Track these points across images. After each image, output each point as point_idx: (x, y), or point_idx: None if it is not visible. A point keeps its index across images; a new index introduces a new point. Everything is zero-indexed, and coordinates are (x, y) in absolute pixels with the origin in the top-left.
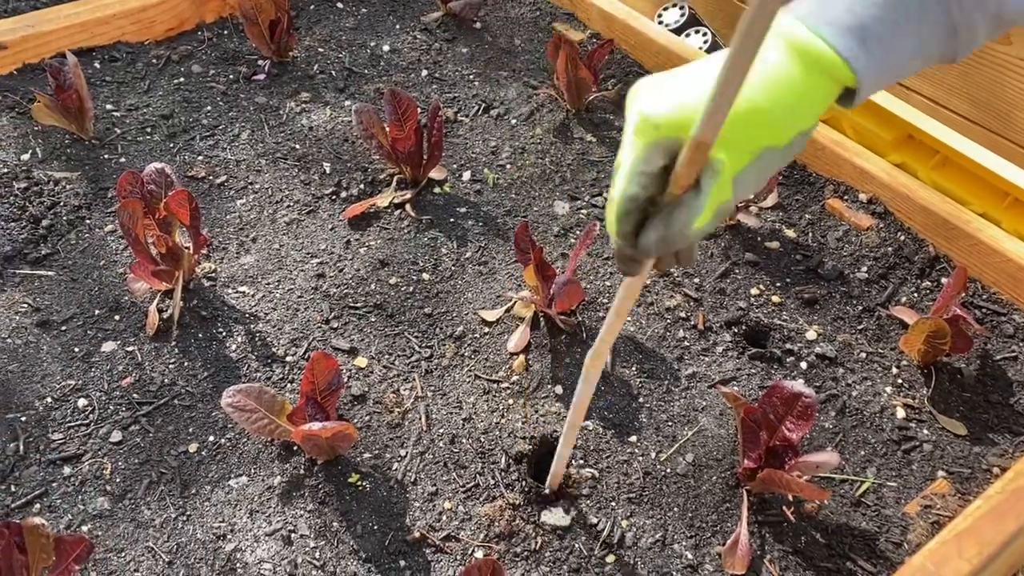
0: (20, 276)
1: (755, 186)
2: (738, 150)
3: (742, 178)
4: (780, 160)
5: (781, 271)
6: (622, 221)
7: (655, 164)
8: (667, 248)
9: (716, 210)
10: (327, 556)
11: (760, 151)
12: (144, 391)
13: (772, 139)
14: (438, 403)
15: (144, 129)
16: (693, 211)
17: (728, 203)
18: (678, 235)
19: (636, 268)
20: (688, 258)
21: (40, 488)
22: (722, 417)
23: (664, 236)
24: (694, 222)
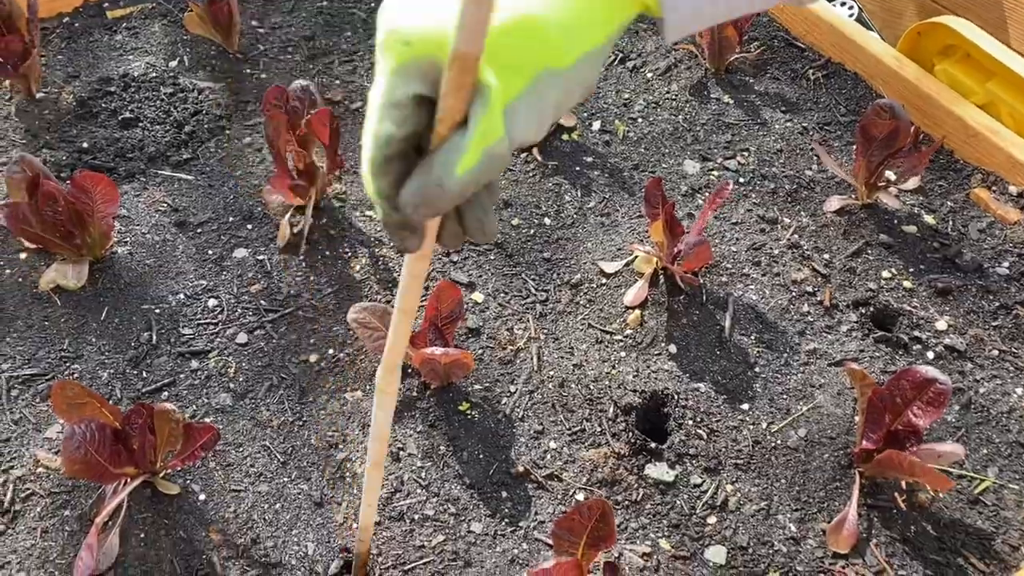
0: (162, 177)
1: (536, 122)
2: (510, 71)
3: (517, 108)
4: (563, 91)
5: (916, 257)
6: (377, 172)
7: (407, 91)
8: (430, 205)
9: (484, 151)
10: (432, 477)
11: (538, 74)
12: (271, 299)
13: (551, 59)
14: (550, 346)
15: (286, 48)
16: (455, 152)
17: (500, 142)
18: (437, 184)
19: (411, 240)
20: (480, 227)
21: (169, 378)
22: (840, 397)
23: (422, 187)
24: (456, 166)
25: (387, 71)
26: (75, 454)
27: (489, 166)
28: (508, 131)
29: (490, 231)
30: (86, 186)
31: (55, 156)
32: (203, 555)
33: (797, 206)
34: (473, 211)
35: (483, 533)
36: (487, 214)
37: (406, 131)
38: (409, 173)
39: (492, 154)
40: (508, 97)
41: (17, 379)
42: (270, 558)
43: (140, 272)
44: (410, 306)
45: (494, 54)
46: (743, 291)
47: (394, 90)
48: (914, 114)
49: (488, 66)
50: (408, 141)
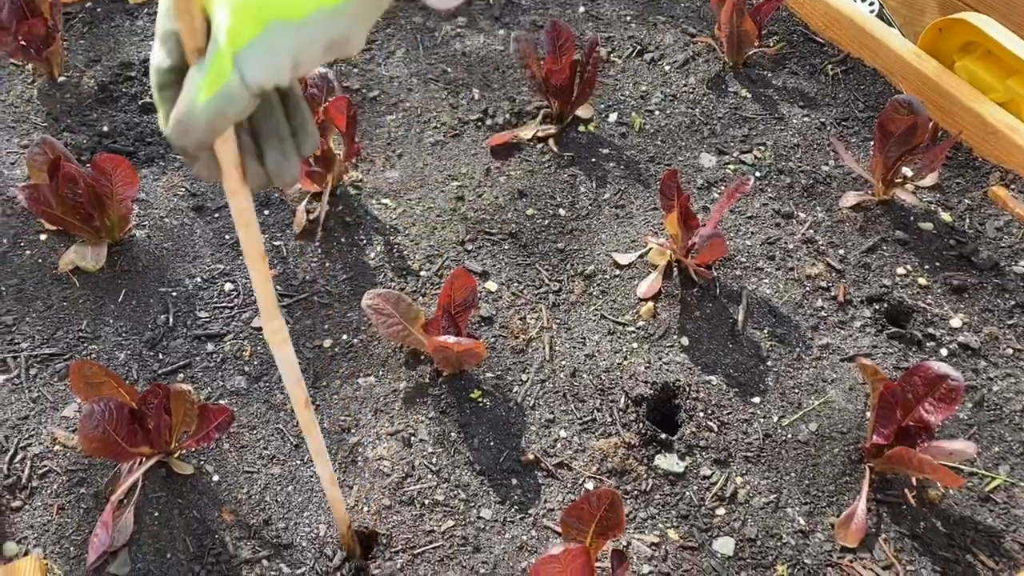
0: (180, 162)
1: (273, 68)
2: (243, 18)
3: (249, 53)
4: (302, 41)
5: (931, 254)
6: (157, 102)
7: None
8: (186, 133)
9: (219, 88)
10: (443, 463)
11: (269, 23)
12: (287, 284)
13: (282, 12)
14: (562, 336)
15: None
16: (193, 85)
17: (230, 82)
18: (187, 113)
19: (198, 167)
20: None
21: (185, 360)
22: (852, 392)
23: (176, 115)
24: (197, 98)
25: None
26: (92, 432)
27: (226, 102)
28: (240, 72)
29: (287, 173)
30: (106, 169)
31: (76, 139)
32: (216, 535)
33: (813, 201)
34: (272, 152)
35: (492, 519)
36: (286, 157)
37: (171, 62)
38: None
39: (226, 91)
40: (240, 41)
41: (36, 358)
42: (281, 539)
43: (158, 255)
44: (252, 251)
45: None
46: (757, 285)
47: (160, 26)
48: (933, 111)
49: (226, 8)
50: (178, 70)
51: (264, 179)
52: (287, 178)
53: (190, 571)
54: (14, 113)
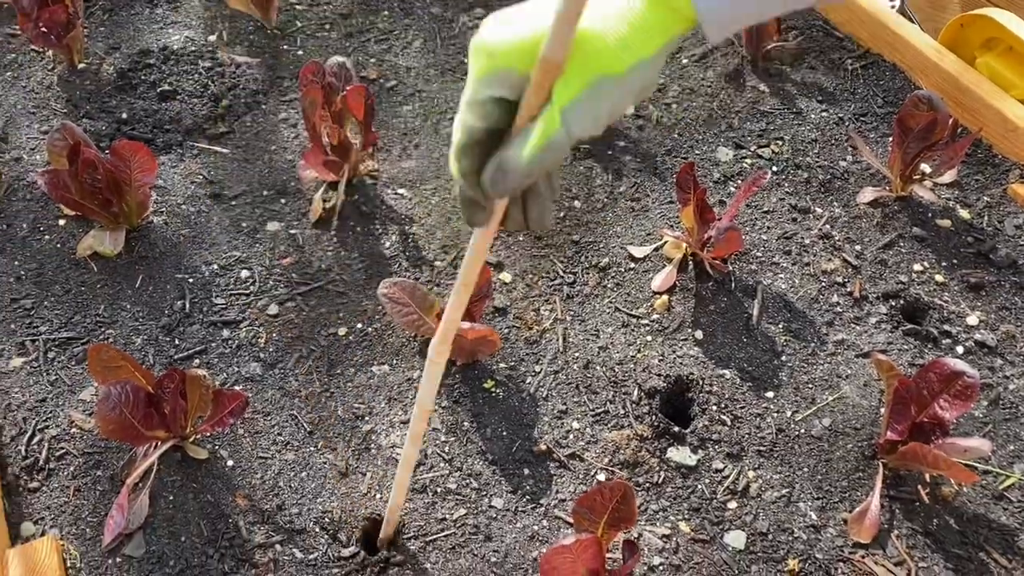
0: (198, 149)
1: (592, 119)
2: (570, 79)
3: (575, 108)
4: (620, 92)
5: (949, 251)
6: (461, 155)
7: (488, 93)
8: (503, 182)
9: (545, 142)
10: (455, 451)
11: (594, 79)
12: (302, 272)
13: (606, 67)
14: (576, 328)
15: (323, 25)
16: (524, 139)
17: (559, 135)
18: (508, 165)
19: (480, 215)
20: (539, 216)
21: (201, 345)
22: (866, 388)
23: (498, 166)
24: (524, 150)
25: (473, 75)
26: (110, 414)
27: (549, 153)
28: (566, 125)
29: (546, 222)
30: (125, 155)
31: (95, 126)
32: (229, 519)
33: (830, 196)
34: (536, 202)
35: (504, 509)
36: (546, 207)
37: (486, 125)
38: (487, 159)
39: (551, 143)
40: (568, 97)
41: (54, 342)
42: (294, 524)
43: (175, 242)
44: (470, 279)
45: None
46: (772, 280)
47: (477, 92)
48: (953, 107)
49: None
50: (488, 133)
51: (522, 225)
52: (545, 226)
53: (204, 554)
54: (34, 99)
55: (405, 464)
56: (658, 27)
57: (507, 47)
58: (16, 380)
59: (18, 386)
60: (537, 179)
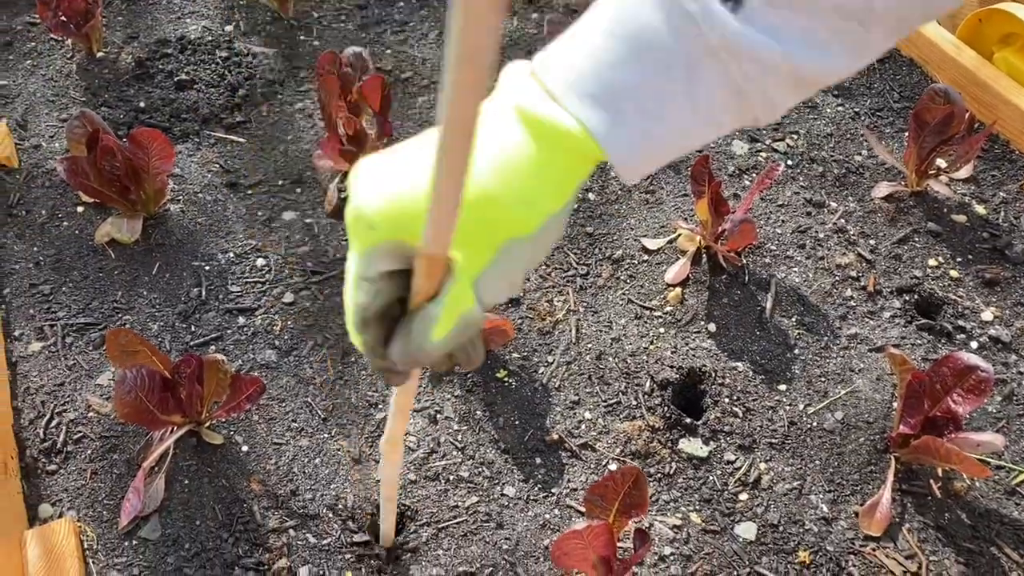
0: (215, 138)
1: (508, 285)
2: (475, 246)
3: (486, 279)
4: (530, 252)
5: (964, 246)
6: (361, 332)
7: (376, 269)
8: (414, 362)
9: (457, 320)
10: (468, 440)
11: (502, 244)
12: (318, 261)
13: (514, 230)
14: (589, 319)
15: (339, 16)
16: (429, 321)
17: (470, 312)
18: (419, 351)
19: (396, 379)
20: (467, 359)
21: (216, 333)
22: (879, 382)
23: (406, 352)
24: (432, 334)
25: (356, 251)
26: (127, 398)
27: (463, 330)
28: (479, 298)
29: (476, 361)
30: (143, 142)
31: (113, 115)
32: (244, 504)
33: (845, 191)
34: (463, 349)
35: (516, 497)
36: (475, 348)
37: (379, 302)
38: (392, 326)
39: (465, 321)
40: (476, 269)
41: (72, 327)
42: (308, 510)
43: (191, 229)
44: (404, 407)
45: (459, 231)
46: (786, 273)
47: (365, 269)
48: (970, 102)
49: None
50: (385, 307)
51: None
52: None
53: (219, 538)
54: (54, 87)
55: (387, 484)
56: (563, 177)
57: (388, 216)
58: (35, 364)
59: (36, 370)
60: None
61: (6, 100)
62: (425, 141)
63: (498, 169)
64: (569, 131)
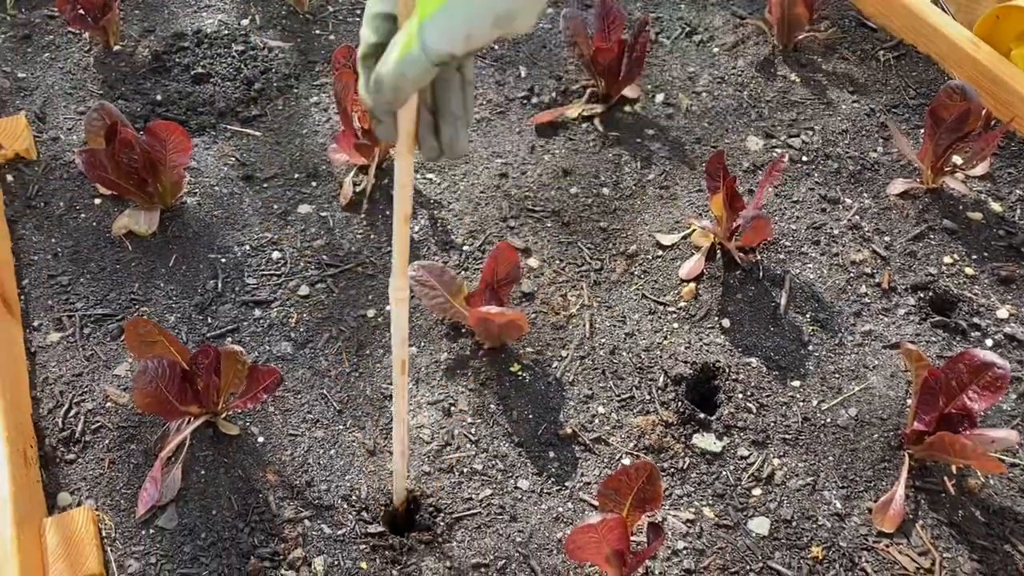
0: (231, 132)
1: (448, 36)
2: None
3: (431, 23)
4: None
5: (980, 244)
6: (361, 67)
7: (376, 8)
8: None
9: (404, 55)
10: (482, 433)
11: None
12: (332, 254)
13: None
14: (603, 314)
15: (355, 10)
16: (388, 54)
17: (414, 49)
18: (378, 79)
19: (382, 128)
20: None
21: (232, 324)
22: (893, 379)
23: (372, 81)
24: (386, 65)
25: None
26: (146, 388)
27: (408, 67)
28: (421, 40)
29: (459, 147)
30: (161, 135)
31: (130, 107)
32: (259, 494)
33: (860, 187)
34: (446, 123)
35: (529, 490)
36: (457, 130)
37: (377, 38)
38: None
39: (409, 57)
40: (426, 13)
41: (90, 318)
42: (323, 500)
43: (208, 222)
44: (406, 211)
45: None
46: (800, 269)
47: (370, 8)
48: (987, 99)
49: None
50: (381, 46)
51: (437, 152)
52: (459, 152)
53: (234, 527)
54: (71, 80)
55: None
56: None
57: None
58: (53, 354)
59: (55, 360)
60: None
61: (25, 93)
62: None
63: None
64: None
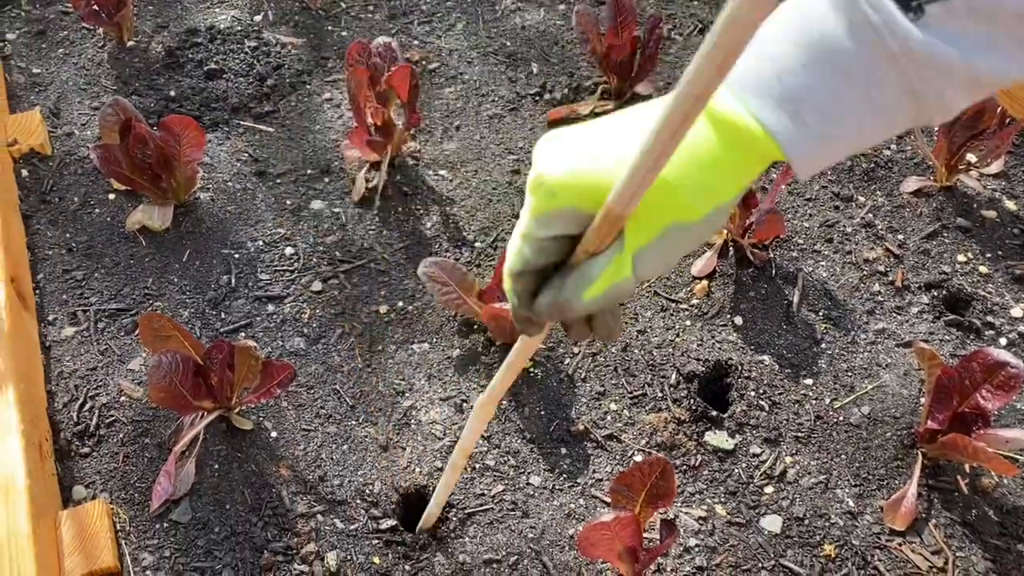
0: (244, 128)
1: (664, 265)
2: (642, 224)
3: (645, 255)
4: (693, 236)
5: (994, 242)
6: (515, 280)
7: (549, 232)
8: (559, 316)
9: (611, 286)
10: (494, 430)
11: (667, 227)
12: (345, 250)
13: (682, 215)
14: None
15: (367, 7)
16: (585, 280)
17: (625, 282)
18: (566, 304)
19: (533, 330)
20: (607, 332)
21: (246, 320)
22: (906, 378)
23: (553, 303)
24: (584, 292)
25: (531, 211)
26: (161, 382)
27: (613, 297)
28: (635, 271)
29: (615, 335)
30: (175, 130)
31: (143, 103)
32: (272, 488)
33: (873, 185)
34: (604, 318)
35: (541, 487)
36: (616, 320)
37: (542, 261)
38: (543, 281)
39: (618, 288)
40: (639, 244)
41: (104, 312)
42: (335, 496)
43: (221, 218)
44: (519, 365)
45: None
46: (813, 267)
47: (536, 230)
48: (1002, 97)
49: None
50: (544, 265)
51: (587, 336)
52: (614, 337)
53: (248, 522)
54: (85, 76)
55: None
56: (739, 171)
57: (570, 186)
58: (68, 349)
59: (70, 354)
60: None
61: (39, 88)
62: (614, 121)
63: (681, 157)
64: (751, 131)
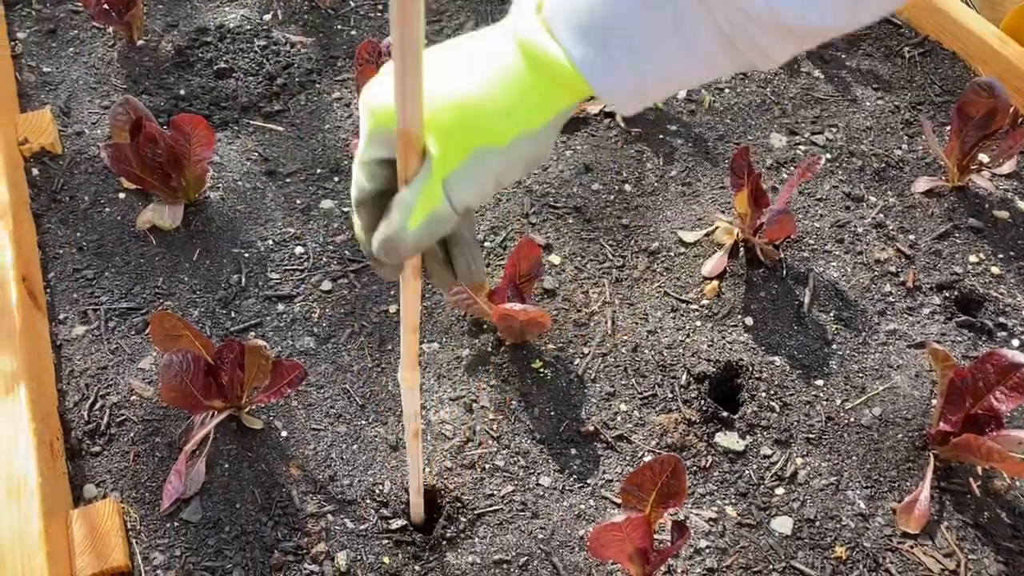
0: (253, 127)
1: (477, 191)
2: (449, 147)
3: (455, 180)
4: (504, 164)
5: (1006, 243)
6: (356, 214)
7: (372, 154)
8: (391, 252)
9: (429, 214)
10: (503, 430)
11: (474, 151)
12: (355, 249)
13: (488, 139)
14: (624, 311)
15: (376, 5)
16: (404, 210)
17: (442, 206)
18: (396, 236)
19: (387, 272)
20: (466, 268)
21: (256, 319)
22: (918, 379)
23: (384, 237)
24: (407, 223)
25: (362, 135)
26: (172, 382)
27: (435, 225)
28: (448, 197)
29: (477, 274)
30: (185, 129)
31: (153, 102)
32: (283, 488)
33: (884, 185)
34: (462, 257)
35: (551, 487)
36: (474, 259)
37: (374, 185)
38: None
39: (435, 216)
40: (449, 168)
41: (114, 311)
42: (345, 495)
43: (231, 217)
44: (411, 322)
45: (438, 129)
46: (824, 268)
47: (364, 152)
48: (1015, 96)
49: (434, 139)
50: (378, 193)
51: (448, 279)
52: (478, 278)
53: (258, 521)
54: (95, 75)
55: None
56: (545, 100)
57: (384, 107)
58: (79, 347)
59: (80, 353)
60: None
61: (50, 87)
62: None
63: (485, 81)
64: (556, 60)
